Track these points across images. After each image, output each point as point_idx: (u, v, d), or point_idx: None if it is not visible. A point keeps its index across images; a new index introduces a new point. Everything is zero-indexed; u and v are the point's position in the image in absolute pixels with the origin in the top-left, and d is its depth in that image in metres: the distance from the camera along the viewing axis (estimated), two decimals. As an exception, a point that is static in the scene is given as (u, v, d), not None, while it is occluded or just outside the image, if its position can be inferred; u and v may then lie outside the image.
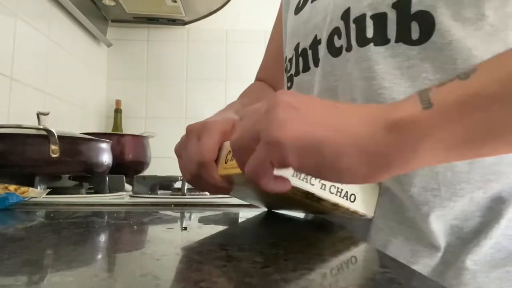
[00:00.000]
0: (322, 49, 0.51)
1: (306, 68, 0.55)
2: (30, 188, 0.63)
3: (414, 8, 0.41)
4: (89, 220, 0.52)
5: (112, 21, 1.65)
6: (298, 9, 0.58)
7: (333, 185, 0.40)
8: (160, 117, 1.66)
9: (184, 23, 1.66)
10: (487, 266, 0.41)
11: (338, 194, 0.41)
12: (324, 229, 0.45)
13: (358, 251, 0.36)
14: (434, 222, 0.42)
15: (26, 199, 0.60)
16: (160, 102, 1.67)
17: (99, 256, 0.32)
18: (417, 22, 0.41)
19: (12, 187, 0.60)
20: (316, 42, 0.52)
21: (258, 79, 0.85)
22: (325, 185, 0.40)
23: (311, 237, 0.44)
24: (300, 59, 0.56)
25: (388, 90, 0.43)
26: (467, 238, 0.42)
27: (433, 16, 0.40)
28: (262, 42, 1.74)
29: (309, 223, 0.53)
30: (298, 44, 0.56)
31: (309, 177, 0.38)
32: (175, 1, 1.44)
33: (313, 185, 0.39)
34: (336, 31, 0.48)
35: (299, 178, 0.38)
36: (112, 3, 1.47)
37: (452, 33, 0.40)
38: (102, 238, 0.41)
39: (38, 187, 0.74)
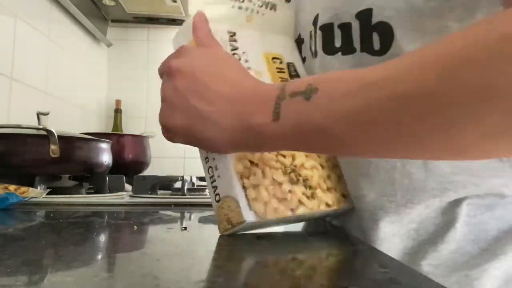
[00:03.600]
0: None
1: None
2: (30, 188, 0.63)
3: (375, 19, 0.40)
4: (89, 220, 0.52)
5: (112, 21, 1.65)
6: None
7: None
8: (160, 117, 1.66)
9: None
10: (446, 270, 0.41)
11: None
12: (324, 229, 0.46)
13: (358, 251, 0.36)
14: (388, 226, 0.43)
15: (26, 199, 0.60)
16: (160, 102, 1.67)
17: (99, 256, 0.32)
18: (377, 33, 0.41)
19: (12, 187, 0.60)
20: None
21: None
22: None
23: (311, 237, 0.44)
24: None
25: None
26: (423, 240, 0.42)
27: (392, 27, 0.39)
28: (262, 42, 1.74)
29: (309, 223, 0.53)
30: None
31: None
32: (175, 1, 1.44)
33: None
34: (310, 35, 0.49)
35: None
36: (112, 3, 1.47)
37: (410, 45, 0.39)
38: (102, 238, 0.41)
39: (38, 187, 0.74)
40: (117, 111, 1.60)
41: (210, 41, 0.41)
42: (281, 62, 0.49)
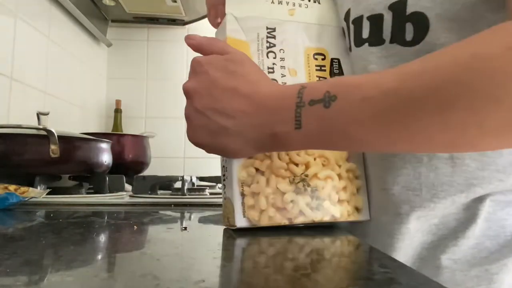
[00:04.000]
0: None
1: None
2: (30, 188, 0.63)
3: (410, 9, 0.41)
4: (89, 220, 0.52)
5: (112, 21, 1.65)
6: None
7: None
8: (160, 117, 1.66)
9: (184, 23, 1.66)
10: (466, 264, 0.42)
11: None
12: (324, 229, 0.45)
13: (358, 251, 0.36)
14: (413, 222, 0.43)
15: (26, 199, 0.60)
16: (160, 102, 1.67)
17: (99, 256, 0.32)
18: (412, 23, 0.41)
19: (12, 187, 0.60)
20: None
21: None
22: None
23: (311, 237, 0.44)
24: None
25: None
26: (443, 235, 0.43)
27: (428, 17, 0.40)
28: (262, 42, 1.74)
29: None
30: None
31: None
32: (175, 1, 1.44)
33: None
34: (343, 31, 0.50)
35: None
36: (112, 3, 1.47)
37: (446, 34, 0.40)
38: (102, 238, 0.41)
39: (38, 187, 0.74)
40: (117, 111, 1.60)
41: (224, 48, 0.42)
42: (324, 58, 0.48)
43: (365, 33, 0.45)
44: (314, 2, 0.49)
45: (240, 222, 0.41)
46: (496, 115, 0.28)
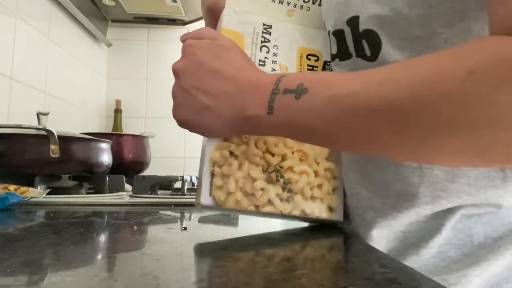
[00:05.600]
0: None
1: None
2: (30, 188, 0.63)
3: (362, 26, 0.40)
4: (89, 220, 0.52)
5: (112, 21, 1.65)
6: None
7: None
8: (160, 117, 1.66)
9: (184, 23, 1.66)
10: (425, 273, 0.41)
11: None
12: (324, 229, 0.45)
13: (358, 251, 0.36)
14: (377, 229, 0.43)
15: (26, 199, 0.60)
16: (160, 102, 1.67)
17: (99, 256, 0.32)
18: (366, 41, 0.41)
19: (12, 187, 0.60)
20: None
21: None
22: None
23: (310, 237, 0.44)
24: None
25: None
26: (410, 243, 0.42)
27: (379, 35, 0.39)
28: (262, 42, 1.74)
29: (309, 223, 0.53)
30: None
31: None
32: (175, 1, 1.44)
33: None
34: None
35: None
36: (112, 3, 1.47)
37: (397, 52, 0.39)
38: (102, 238, 0.41)
39: (38, 187, 0.74)
40: (117, 111, 1.60)
41: (215, 35, 0.43)
42: (317, 60, 0.49)
43: (334, 49, 0.45)
44: (319, 5, 0.49)
45: (205, 200, 0.41)
46: (451, 138, 0.28)
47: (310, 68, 0.48)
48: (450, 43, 0.37)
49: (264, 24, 0.47)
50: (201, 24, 1.67)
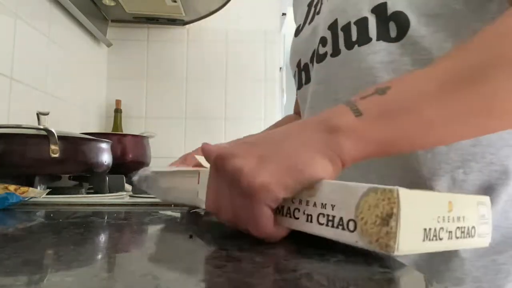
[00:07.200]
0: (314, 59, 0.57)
1: (308, 80, 0.60)
2: (30, 188, 0.63)
3: (390, 10, 0.46)
4: (89, 220, 0.52)
5: (112, 21, 1.65)
6: (297, 32, 0.65)
7: (321, 213, 0.31)
8: (160, 117, 1.66)
9: (184, 23, 1.66)
10: (474, 255, 0.43)
11: (329, 223, 0.31)
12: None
13: (358, 251, 0.36)
14: None
15: (26, 199, 0.60)
16: (160, 102, 1.67)
17: (99, 256, 0.32)
18: (394, 22, 0.46)
19: (12, 187, 0.60)
20: (313, 56, 0.58)
21: (294, 111, 0.90)
22: (311, 215, 0.33)
23: (310, 237, 0.44)
24: (303, 73, 0.62)
25: (371, 85, 0.45)
26: None
27: (407, 14, 0.45)
28: (262, 42, 1.74)
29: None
30: (300, 61, 0.62)
31: (291, 210, 0.34)
32: (175, 1, 1.44)
33: (297, 218, 0.34)
34: (322, 40, 0.54)
35: (282, 215, 0.34)
36: (112, 3, 1.47)
37: (424, 28, 0.45)
38: (102, 238, 0.41)
39: (38, 187, 0.74)
40: (117, 111, 1.60)
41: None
42: None
43: (354, 36, 0.50)
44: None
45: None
46: None
47: None
48: (469, 19, 0.44)
49: None
50: (201, 24, 1.68)
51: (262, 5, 1.76)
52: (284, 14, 1.79)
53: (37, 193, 0.63)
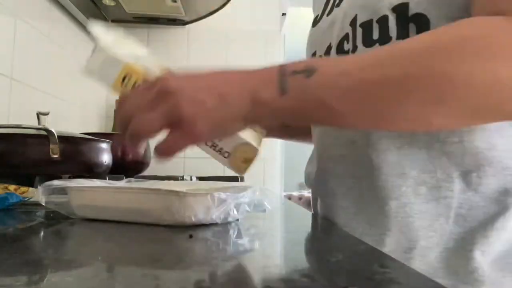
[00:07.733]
0: (333, 53, 0.56)
1: None
2: (30, 188, 0.63)
3: (412, 11, 0.45)
4: (89, 220, 0.52)
5: (112, 21, 1.65)
6: (315, 22, 0.64)
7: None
8: (160, 117, 1.66)
9: (184, 23, 1.66)
10: (491, 257, 0.44)
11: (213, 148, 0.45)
12: (324, 229, 0.45)
13: (358, 251, 0.36)
14: (432, 202, 0.45)
15: (26, 199, 0.60)
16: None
17: (99, 256, 0.32)
18: (414, 24, 0.45)
19: (12, 187, 0.60)
20: (329, 48, 0.57)
21: None
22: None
23: (310, 237, 0.44)
24: None
25: None
26: (472, 227, 0.44)
27: (428, 18, 0.44)
28: (262, 42, 1.74)
29: (309, 223, 0.53)
30: (315, 53, 0.61)
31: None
32: (175, 1, 1.44)
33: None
34: (345, 37, 0.53)
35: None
36: (112, 3, 1.47)
37: None
38: (102, 238, 0.41)
39: (38, 187, 0.74)
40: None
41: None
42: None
43: (375, 35, 0.49)
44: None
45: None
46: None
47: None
48: None
49: None
50: (201, 24, 1.67)
51: (262, 5, 1.76)
52: (284, 14, 1.79)
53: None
